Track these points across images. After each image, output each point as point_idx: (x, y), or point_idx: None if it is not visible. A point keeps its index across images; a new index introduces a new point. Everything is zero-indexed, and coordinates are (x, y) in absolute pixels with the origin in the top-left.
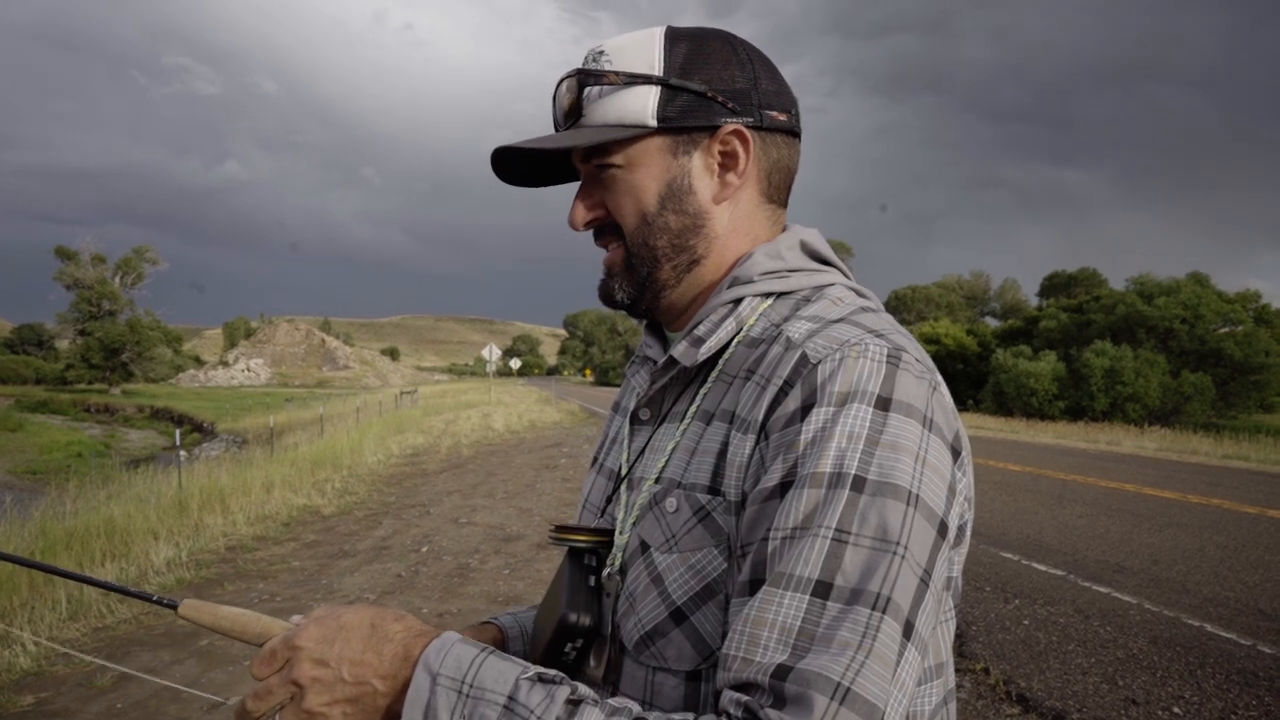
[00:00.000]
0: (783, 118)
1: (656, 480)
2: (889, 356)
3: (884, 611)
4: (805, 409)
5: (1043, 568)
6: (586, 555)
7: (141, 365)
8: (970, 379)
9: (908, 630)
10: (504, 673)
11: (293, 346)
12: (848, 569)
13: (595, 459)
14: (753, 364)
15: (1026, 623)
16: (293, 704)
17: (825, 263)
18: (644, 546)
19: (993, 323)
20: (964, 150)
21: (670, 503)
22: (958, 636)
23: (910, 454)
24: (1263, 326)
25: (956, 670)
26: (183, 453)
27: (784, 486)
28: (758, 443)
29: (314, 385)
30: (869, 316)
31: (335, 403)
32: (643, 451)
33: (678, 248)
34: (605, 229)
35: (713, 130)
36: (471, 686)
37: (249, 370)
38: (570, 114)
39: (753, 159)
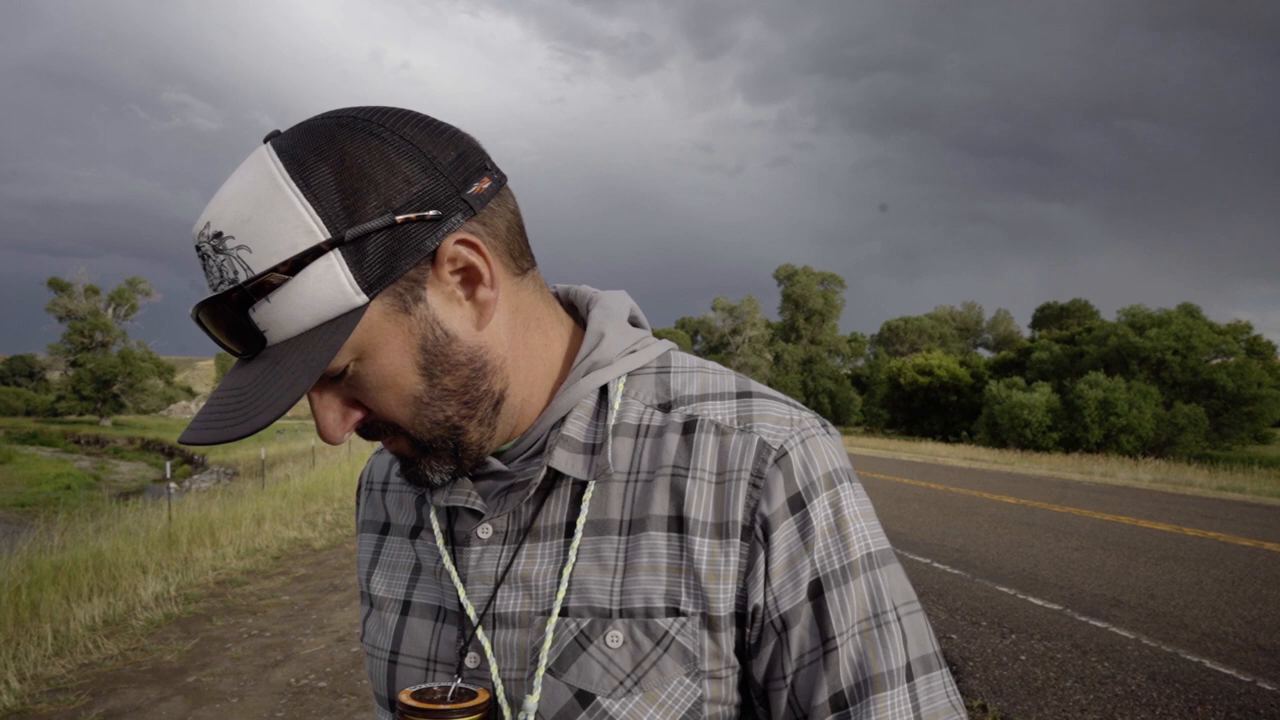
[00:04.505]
0: (486, 183)
1: (563, 613)
2: (824, 427)
3: (941, 665)
4: (801, 499)
5: (1039, 602)
6: None
7: (133, 396)
8: (963, 410)
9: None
10: None
11: None
12: (914, 641)
13: (369, 594)
14: (674, 459)
15: (1024, 658)
16: None
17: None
18: (585, 698)
19: (985, 354)
20: (948, 185)
21: (615, 635)
22: (954, 672)
23: (874, 513)
24: (1254, 358)
25: None
26: (173, 485)
27: (820, 584)
28: (747, 545)
29: (306, 416)
30: (747, 381)
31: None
32: (500, 580)
33: (471, 403)
34: (372, 427)
35: (430, 256)
36: None
37: None
38: (251, 344)
39: (491, 257)
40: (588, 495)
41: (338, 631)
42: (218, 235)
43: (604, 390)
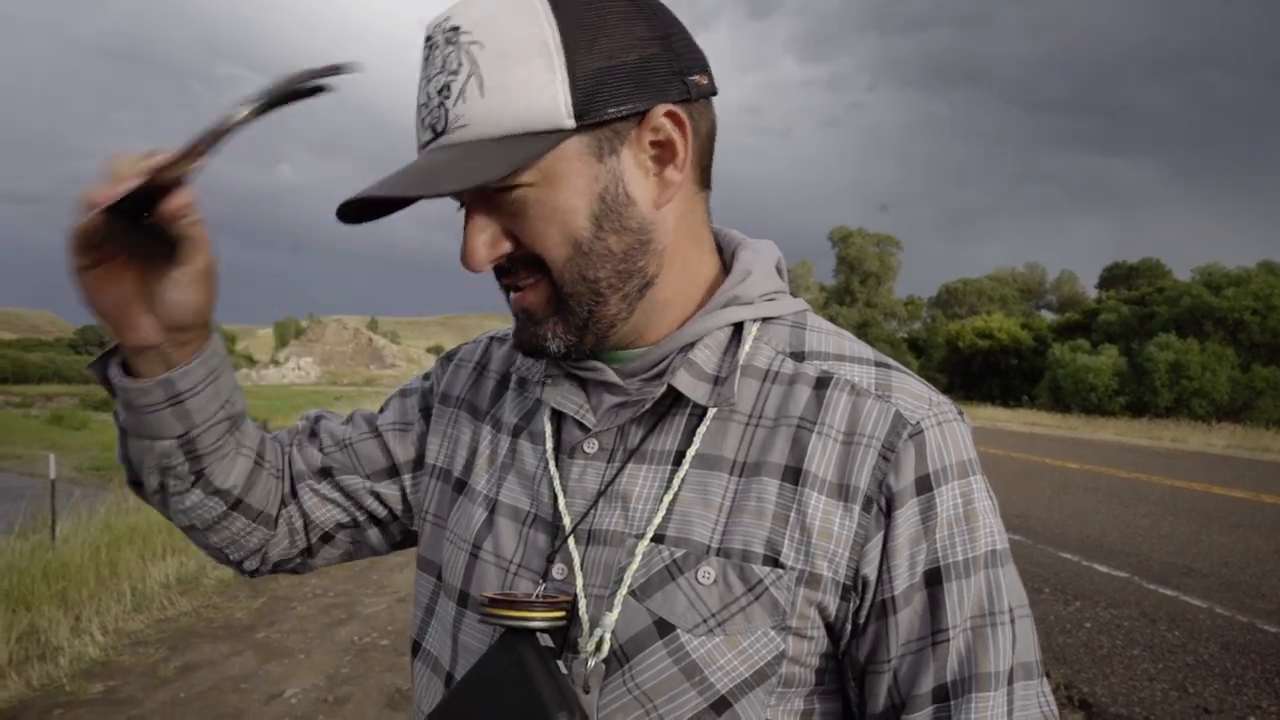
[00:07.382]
0: (705, 80)
1: (657, 539)
2: (960, 415)
3: (1041, 674)
4: (930, 482)
5: (1105, 569)
6: (539, 636)
7: None
8: (1025, 374)
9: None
10: None
11: (341, 345)
12: (1021, 647)
13: (465, 485)
14: (802, 411)
15: (1088, 625)
16: None
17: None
18: (664, 627)
19: (1049, 316)
20: (1008, 143)
21: (706, 572)
22: None
23: (998, 510)
24: None
25: None
26: None
27: (938, 573)
28: (869, 516)
29: (362, 383)
30: (885, 356)
31: (383, 400)
32: (600, 495)
33: (625, 274)
34: (516, 264)
35: (639, 116)
36: None
37: (299, 369)
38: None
39: (689, 144)
40: (703, 428)
41: (398, 592)
42: (454, 29)
43: (737, 329)
